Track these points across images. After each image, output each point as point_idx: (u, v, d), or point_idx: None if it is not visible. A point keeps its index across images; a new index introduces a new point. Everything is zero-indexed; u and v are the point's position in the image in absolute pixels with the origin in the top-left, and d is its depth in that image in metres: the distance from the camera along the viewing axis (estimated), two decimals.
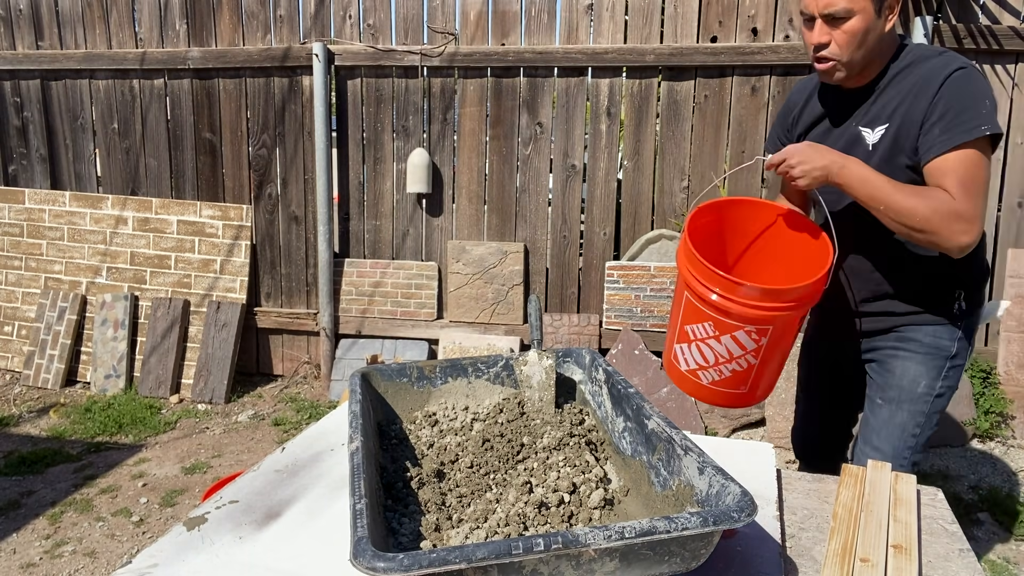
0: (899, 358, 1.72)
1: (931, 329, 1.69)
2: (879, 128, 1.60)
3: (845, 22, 1.51)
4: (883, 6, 1.52)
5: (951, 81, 1.49)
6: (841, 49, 1.54)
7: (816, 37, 1.55)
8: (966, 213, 1.46)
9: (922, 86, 1.53)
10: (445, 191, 4.27)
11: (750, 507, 0.86)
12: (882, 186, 1.50)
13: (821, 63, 1.58)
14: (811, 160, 1.53)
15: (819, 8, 1.52)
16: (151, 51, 4.45)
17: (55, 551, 2.74)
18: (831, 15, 1.51)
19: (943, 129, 1.48)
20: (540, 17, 4.01)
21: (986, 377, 3.68)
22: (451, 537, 0.99)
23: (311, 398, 4.33)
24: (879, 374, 1.77)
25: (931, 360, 1.69)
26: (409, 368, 1.39)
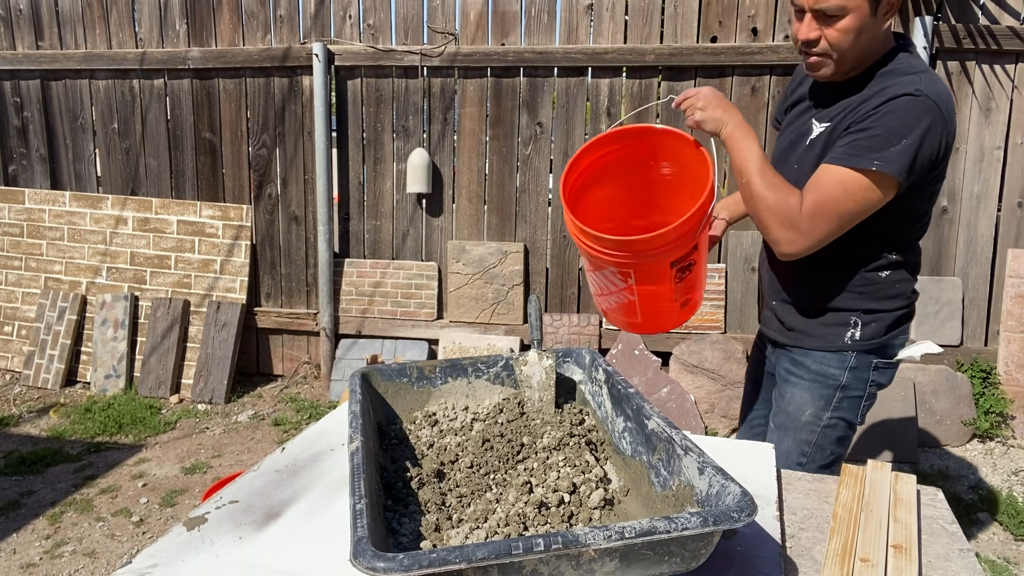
0: (789, 383, 1.67)
1: (819, 356, 1.62)
2: (822, 125, 1.55)
3: (838, 20, 1.41)
4: (880, 4, 1.41)
5: (892, 103, 1.40)
6: (832, 47, 1.45)
7: (805, 32, 1.46)
8: (800, 226, 1.44)
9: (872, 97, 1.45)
10: (445, 191, 4.27)
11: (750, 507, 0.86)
12: (753, 162, 1.47)
13: (810, 57, 1.50)
14: (712, 108, 1.52)
15: (810, 2, 1.42)
16: (151, 51, 4.45)
17: (55, 551, 2.74)
18: (822, 11, 1.41)
19: (847, 144, 1.42)
20: (540, 17, 4.01)
21: (986, 377, 3.68)
22: (451, 537, 0.99)
23: (311, 398, 4.33)
24: (774, 396, 1.73)
25: (817, 388, 1.62)
26: (409, 368, 1.39)
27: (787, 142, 1.67)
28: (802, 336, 1.64)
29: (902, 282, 1.59)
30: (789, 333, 1.67)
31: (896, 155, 1.37)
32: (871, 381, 1.62)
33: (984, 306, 3.78)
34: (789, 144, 1.66)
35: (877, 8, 1.41)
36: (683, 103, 1.58)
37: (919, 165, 1.40)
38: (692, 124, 1.56)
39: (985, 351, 3.74)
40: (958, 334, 3.76)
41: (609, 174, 1.68)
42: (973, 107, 3.65)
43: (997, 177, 3.69)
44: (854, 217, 1.44)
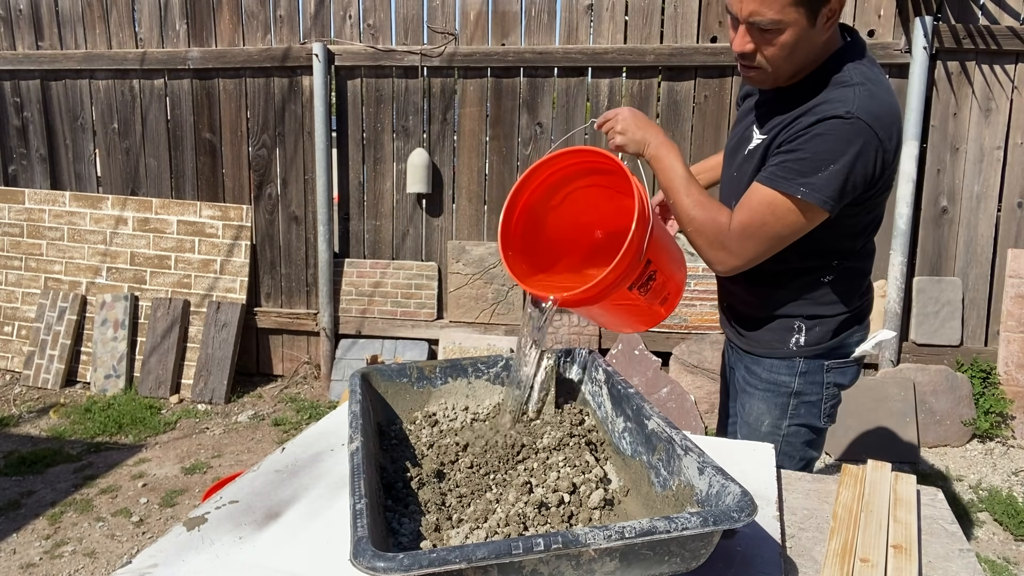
0: (747, 392, 1.64)
1: (768, 363, 1.58)
2: (760, 136, 1.49)
3: (774, 35, 1.31)
4: (819, 15, 1.30)
5: (822, 126, 1.32)
6: (767, 61, 1.36)
7: (739, 44, 1.36)
8: (730, 246, 1.41)
9: (808, 113, 1.36)
10: (445, 191, 4.27)
11: (750, 507, 0.86)
12: (679, 182, 1.44)
13: (746, 69, 1.41)
14: (632, 130, 1.47)
15: (742, 15, 1.31)
16: (151, 51, 4.45)
17: (55, 551, 2.74)
18: (756, 25, 1.31)
19: (777, 165, 1.36)
20: (540, 17, 4.01)
21: (986, 377, 3.68)
22: (451, 537, 0.99)
23: (311, 398, 4.33)
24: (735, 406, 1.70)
25: (771, 397, 1.59)
26: (409, 368, 1.39)
27: (731, 145, 1.63)
28: (752, 343, 1.61)
29: (848, 285, 1.53)
30: (741, 338, 1.65)
31: (823, 182, 1.31)
32: (827, 383, 1.57)
33: (984, 306, 3.78)
34: (732, 148, 1.61)
35: (816, 20, 1.30)
36: (603, 125, 1.53)
37: (850, 189, 1.34)
38: (614, 148, 1.50)
39: (985, 351, 3.74)
40: (958, 334, 3.76)
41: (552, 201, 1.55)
42: (973, 107, 3.65)
43: (997, 177, 3.69)
44: (784, 239, 1.40)
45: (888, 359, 3.75)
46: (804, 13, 1.28)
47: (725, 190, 1.63)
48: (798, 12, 1.27)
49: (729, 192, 1.58)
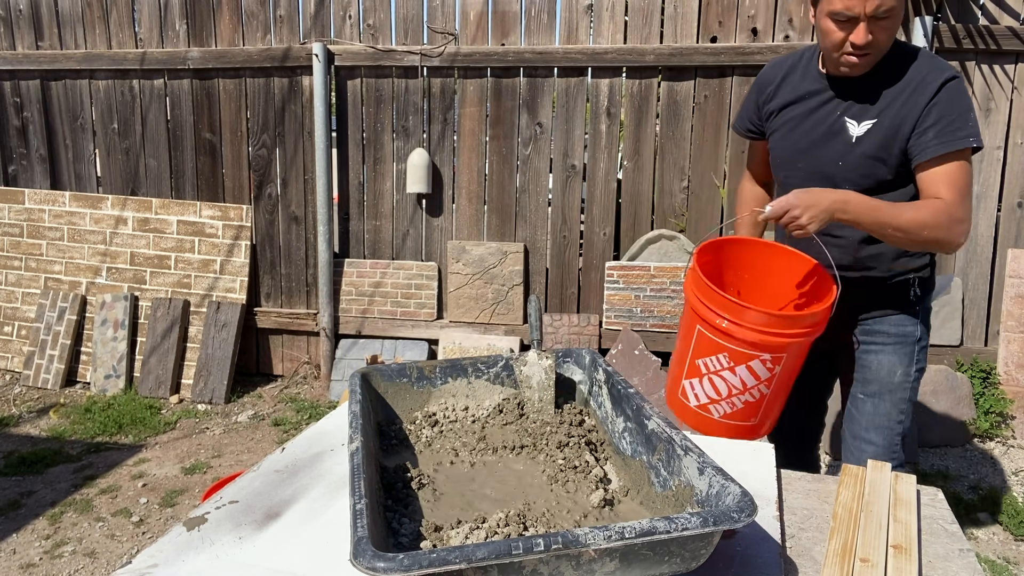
0: (871, 352, 1.79)
1: (895, 319, 1.77)
2: (866, 122, 1.65)
3: (886, 20, 1.53)
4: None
5: (947, 89, 1.57)
6: (882, 45, 1.57)
7: (863, 37, 1.54)
8: (964, 215, 1.56)
9: (917, 87, 1.59)
10: (445, 191, 4.27)
11: (750, 507, 0.86)
12: (887, 210, 1.55)
13: (858, 58, 1.59)
14: (814, 206, 1.52)
15: (869, 10, 1.51)
16: (151, 51, 4.45)
17: (55, 551, 2.74)
18: (882, 14, 1.52)
19: (937, 135, 1.56)
20: (540, 17, 4.01)
21: (986, 377, 3.68)
22: (451, 537, 0.99)
23: (311, 398, 4.33)
24: (855, 369, 1.83)
25: (901, 348, 1.77)
26: (409, 368, 1.39)
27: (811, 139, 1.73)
28: (872, 307, 1.77)
29: None
30: (856, 308, 1.77)
31: (975, 128, 1.57)
32: (929, 325, 1.82)
33: (984, 306, 3.78)
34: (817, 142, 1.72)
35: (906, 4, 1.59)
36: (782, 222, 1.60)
37: None
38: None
39: (985, 351, 3.74)
40: (958, 334, 3.76)
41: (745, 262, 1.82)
42: None
43: (997, 177, 3.69)
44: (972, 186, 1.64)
45: None
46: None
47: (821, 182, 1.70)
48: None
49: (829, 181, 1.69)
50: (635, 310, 4.02)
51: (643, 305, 4.01)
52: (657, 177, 4.01)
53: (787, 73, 1.80)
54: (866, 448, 1.77)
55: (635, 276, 3.99)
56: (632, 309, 4.02)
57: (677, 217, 4.02)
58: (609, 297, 4.04)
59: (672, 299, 3.97)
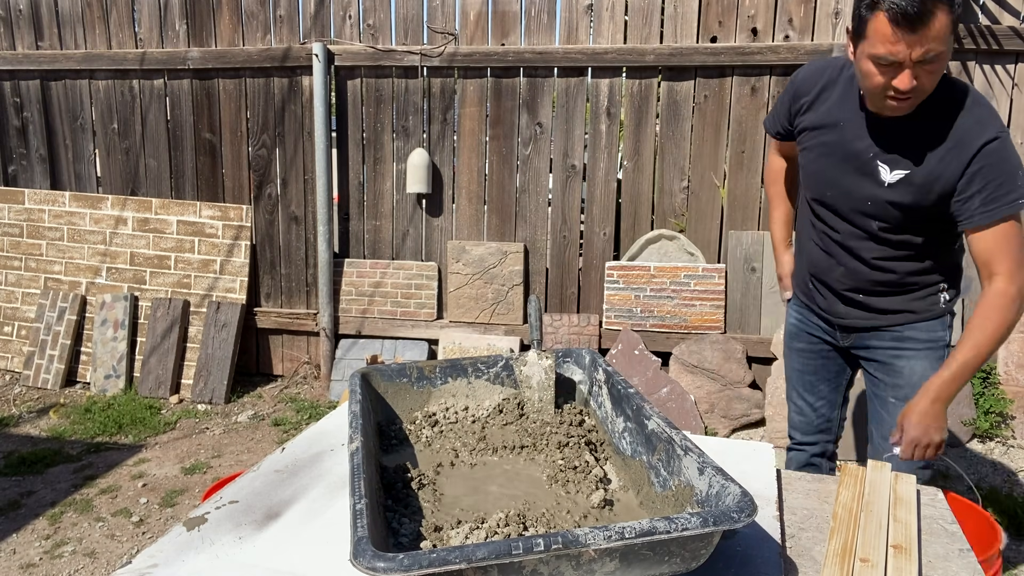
0: (903, 358, 1.80)
1: (926, 325, 1.78)
2: (898, 171, 1.60)
3: (935, 64, 1.44)
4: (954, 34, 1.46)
5: (989, 152, 1.50)
6: (927, 89, 1.48)
7: (908, 83, 1.44)
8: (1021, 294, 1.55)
9: (955, 147, 1.53)
10: (445, 191, 4.27)
11: (750, 507, 0.86)
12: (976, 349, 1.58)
13: (899, 102, 1.50)
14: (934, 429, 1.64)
15: (916, 56, 1.41)
16: (151, 51, 4.45)
17: (55, 551, 2.74)
18: (929, 59, 1.42)
19: (983, 202, 1.52)
20: (540, 17, 4.01)
21: (986, 377, 3.68)
22: (451, 537, 0.99)
23: (311, 398, 4.33)
24: (886, 374, 1.84)
25: (933, 354, 1.79)
26: (409, 368, 1.39)
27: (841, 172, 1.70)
28: (905, 314, 1.78)
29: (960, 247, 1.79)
30: (886, 315, 1.80)
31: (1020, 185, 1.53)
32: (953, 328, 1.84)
33: None
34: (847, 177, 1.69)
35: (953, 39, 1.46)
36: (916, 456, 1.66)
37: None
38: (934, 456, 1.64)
39: None
40: (958, 334, 3.75)
41: None
42: None
43: None
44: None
45: None
46: (952, 38, 1.44)
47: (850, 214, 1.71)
48: (951, 38, 1.42)
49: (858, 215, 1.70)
50: (635, 310, 4.02)
51: (643, 305, 4.01)
52: (657, 177, 4.01)
53: (825, 87, 1.72)
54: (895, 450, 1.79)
55: (635, 276, 3.99)
56: (632, 309, 4.02)
57: (677, 217, 4.02)
58: (609, 297, 4.04)
59: (672, 299, 3.97)
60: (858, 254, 1.74)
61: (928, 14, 1.35)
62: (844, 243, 1.76)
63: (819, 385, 2.03)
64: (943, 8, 1.36)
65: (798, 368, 2.05)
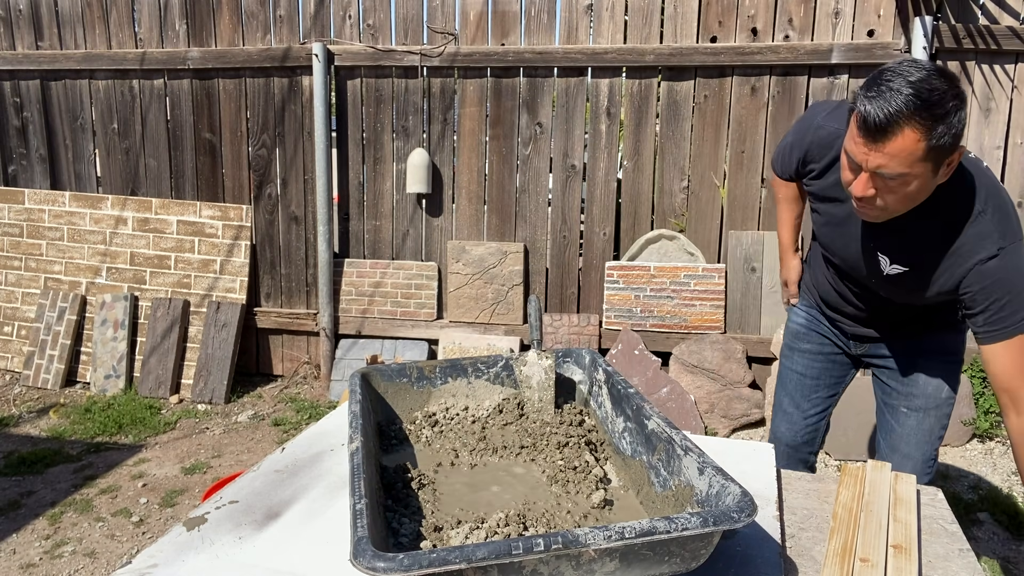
0: (919, 367, 1.76)
1: (943, 337, 1.74)
2: (896, 266, 1.54)
3: (898, 184, 1.30)
4: (942, 165, 1.30)
5: (985, 272, 1.40)
6: (886, 205, 1.36)
7: (861, 190, 1.34)
8: None
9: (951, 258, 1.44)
10: (445, 191, 4.27)
11: (750, 507, 0.86)
12: None
13: (861, 205, 1.40)
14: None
15: (871, 166, 1.29)
16: (151, 51, 4.45)
17: (55, 551, 2.74)
18: (889, 176, 1.30)
19: (988, 322, 1.43)
20: (540, 17, 4.01)
21: (986, 377, 3.68)
22: (451, 537, 0.99)
23: (311, 398, 4.33)
24: (900, 383, 1.79)
25: (949, 366, 1.75)
26: (409, 368, 1.39)
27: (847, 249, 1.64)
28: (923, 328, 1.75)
29: None
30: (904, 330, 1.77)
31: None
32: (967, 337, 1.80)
33: None
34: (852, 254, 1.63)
35: (939, 170, 1.30)
36: None
37: None
38: None
39: None
40: None
41: None
42: (973, 107, 3.65)
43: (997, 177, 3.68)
44: None
45: None
46: (930, 167, 1.28)
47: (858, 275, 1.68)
48: (925, 166, 1.27)
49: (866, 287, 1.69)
50: (635, 310, 4.02)
51: (643, 305, 4.01)
52: (657, 177, 4.01)
53: (834, 160, 1.58)
54: (904, 463, 1.76)
55: (635, 276, 3.99)
56: (632, 309, 4.02)
57: (677, 217, 4.02)
58: (609, 297, 4.04)
59: (672, 299, 3.97)
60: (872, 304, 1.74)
61: (891, 130, 1.23)
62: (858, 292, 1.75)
63: (818, 391, 1.97)
64: (916, 130, 1.23)
65: (799, 371, 1.98)
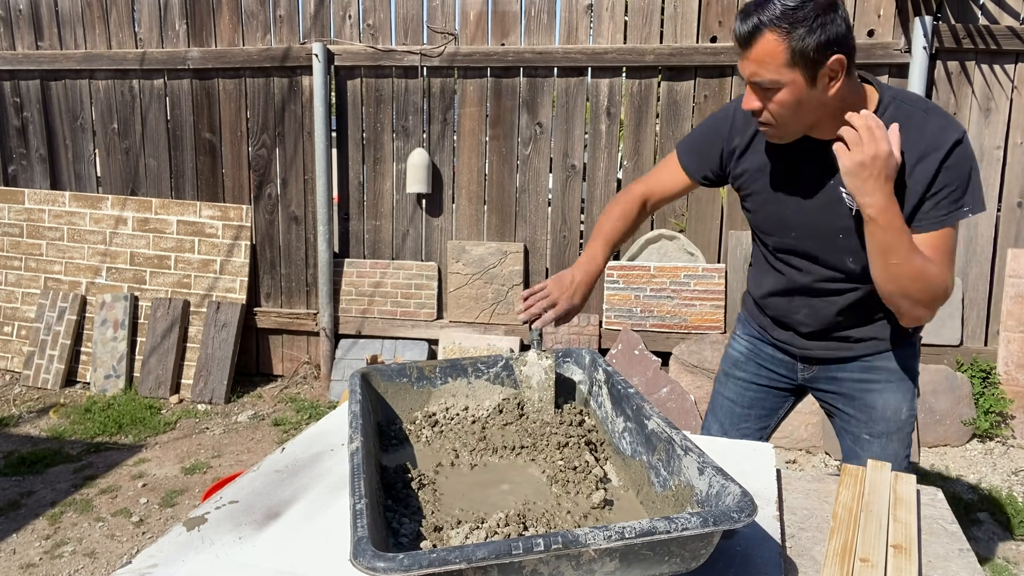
0: (874, 391, 1.68)
1: (897, 354, 1.65)
2: None
3: (775, 92, 1.36)
4: (817, 75, 1.33)
5: (957, 154, 1.39)
6: (772, 117, 1.40)
7: (747, 102, 1.42)
8: (949, 288, 1.44)
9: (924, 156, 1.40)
10: (445, 191, 4.27)
11: (750, 507, 0.86)
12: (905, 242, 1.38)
13: (761, 125, 1.45)
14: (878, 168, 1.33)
15: (746, 74, 1.38)
16: (151, 51, 4.45)
17: (55, 551, 2.74)
18: (758, 84, 1.37)
19: (936, 205, 1.41)
20: (540, 17, 4.01)
21: (986, 377, 3.68)
22: (451, 537, 0.99)
23: (311, 398, 4.33)
24: (858, 410, 1.70)
25: (905, 385, 1.67)
26: (409, 368, 1.39)
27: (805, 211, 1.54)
28: (874, 342, 1.65)
29: None
30: (857, 345, 1.66)
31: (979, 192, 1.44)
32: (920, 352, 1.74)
33: (984, 306, 3.78)
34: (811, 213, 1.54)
35: (815, 80, 1.34)
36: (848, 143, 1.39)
37: None
38: None
39: (985, 351, 3.74)
40: (958, 334, 3.76)
41: None
42: (973, 107, 3.65)
43: (997, 177, 3.69)
44: None
45: None
46: (802, 74, 1.33)
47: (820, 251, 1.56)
48: (794, 73, 1.33)
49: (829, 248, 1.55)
50: (635, 310, 4.02)
51: (643, 305, 4.01)
52: None
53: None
54: None
55: (635, 276, 3.99)
56: (632, 309, 4.02)
57: (677, 217, 4.02)
58: (609, 297, 4.04)
59: (672, 299, 3.97)
60: (827, 297, 1.61)
61: (754, 37, 1.32)
62: (813, 285, 1.61)
63: (748, 421, 1.86)
64: (774, 32, 1.30)
65: (730, 398, 1.88)
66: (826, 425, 3.54)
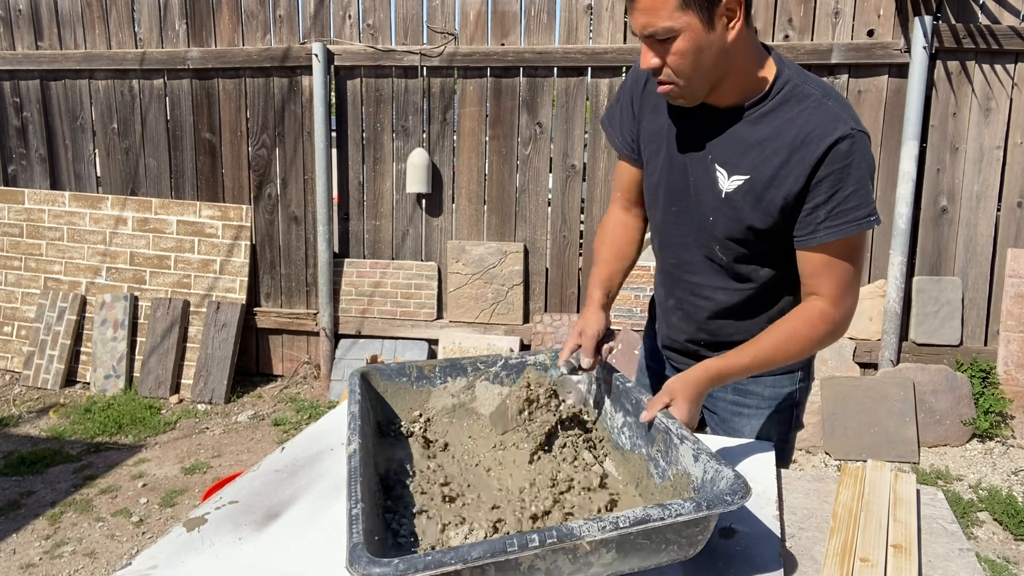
0: (743, 415, 1.54)
1: (771, 380, 1.52)
2: (736, 177, 1.34)
3: (671, 43, 1.23)
4: (713, 16, 1.22)
5: (839, 152, 1.24)
6: (675, 73, 1.26)
7: (645, 60, 1.28)
8: (843, 322, 1.33)
9: (800, 146, 1.27)
10: (445, 191, 4.27)
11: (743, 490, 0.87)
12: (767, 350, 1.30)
13: (663, 87, 1.30)
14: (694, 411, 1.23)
15: (639, 30, 1.25)
16: (151, 51, 4.45)
17: (55, 551, 2.74)
18: (653, 36, 1.23)
19: (829, 214, 1.27)
20: (540, 17, 4.01)
21: (986, 377, 3.68)
22: (451, 537, 0.99)
23: (311, 398, 4.33)
24: (725, 431, 1.58)
25: (774, 413, 1.54)
26: (408, 367, 1.39)
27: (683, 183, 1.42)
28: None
29: None
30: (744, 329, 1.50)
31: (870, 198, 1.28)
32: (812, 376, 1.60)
33: (984, 306, 3.78)
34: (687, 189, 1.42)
35: (713, 23, 1.22)
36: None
37: None
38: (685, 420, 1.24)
39: (985, 351, 3.74)
40: (958, 334, 3.76)
41: None
42: (973, 107, 3.65)
43: (997, 177, 3.68)
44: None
45: (888, 359, 3.75)
46: (697, 16, 1.21)
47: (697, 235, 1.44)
48: (688, 16, 1.21)
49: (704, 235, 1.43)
50: (635, 310, 4.02)
51: (643, 305, 4.01)
52: None
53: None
54: None
55: (635, 276, 3.99)
56: (632, 309, 4.02)
57: None
58: None
59: None
60: (700, 297, 1.48)
61: None
62: (687, 279, 1.49)
63: None
64: None
65: None
66: (826, 425, 3.54)
